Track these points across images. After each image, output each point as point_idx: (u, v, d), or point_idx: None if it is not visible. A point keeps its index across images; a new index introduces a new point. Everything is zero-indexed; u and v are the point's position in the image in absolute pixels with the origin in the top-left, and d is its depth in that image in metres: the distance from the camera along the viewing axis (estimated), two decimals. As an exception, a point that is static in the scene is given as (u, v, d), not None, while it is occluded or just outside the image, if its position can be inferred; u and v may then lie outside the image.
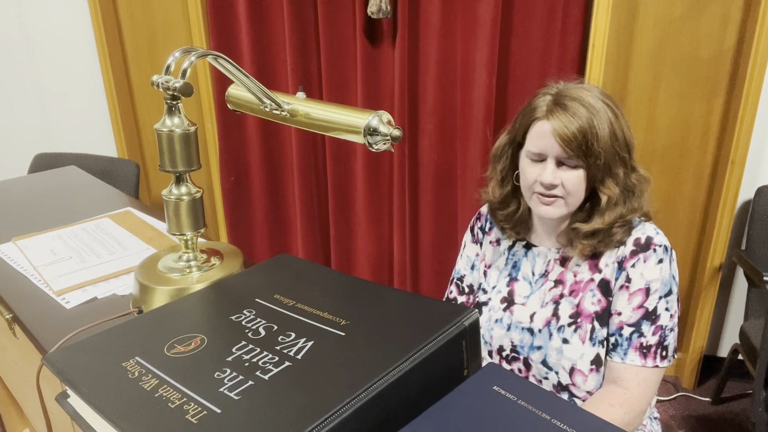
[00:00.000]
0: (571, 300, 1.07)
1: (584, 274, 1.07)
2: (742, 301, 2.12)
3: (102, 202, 1.36)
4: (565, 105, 0.99)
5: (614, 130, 0.99)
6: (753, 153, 1.94)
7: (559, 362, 1.06)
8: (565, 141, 0.98)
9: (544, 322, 1.08)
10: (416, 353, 0.56)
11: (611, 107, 1.01)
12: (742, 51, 1.86)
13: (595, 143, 0.97)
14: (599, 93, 1.03)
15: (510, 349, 1.11)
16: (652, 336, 1.01)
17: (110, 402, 0.53)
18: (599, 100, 1.00)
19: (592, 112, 0.98)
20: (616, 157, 1.00)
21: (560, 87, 1.05)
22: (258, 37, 2.22)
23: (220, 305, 0.71)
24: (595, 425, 0.54)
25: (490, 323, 1.14)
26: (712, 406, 2.17)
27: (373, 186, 2.28)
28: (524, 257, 1.16)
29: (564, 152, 0.99)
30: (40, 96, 2.62)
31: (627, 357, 1.02)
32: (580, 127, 0.97)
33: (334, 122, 0.83)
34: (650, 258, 1.02)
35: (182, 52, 0.77)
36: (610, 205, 1.01)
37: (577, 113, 0.98)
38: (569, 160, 1.00)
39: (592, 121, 0.98)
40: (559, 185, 1.02)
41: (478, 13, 1.92)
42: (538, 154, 1.03)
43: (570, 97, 1.00)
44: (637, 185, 1.04)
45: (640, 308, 1.02)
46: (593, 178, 1.01)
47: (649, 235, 1.03)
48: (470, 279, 1.27)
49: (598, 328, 1.04)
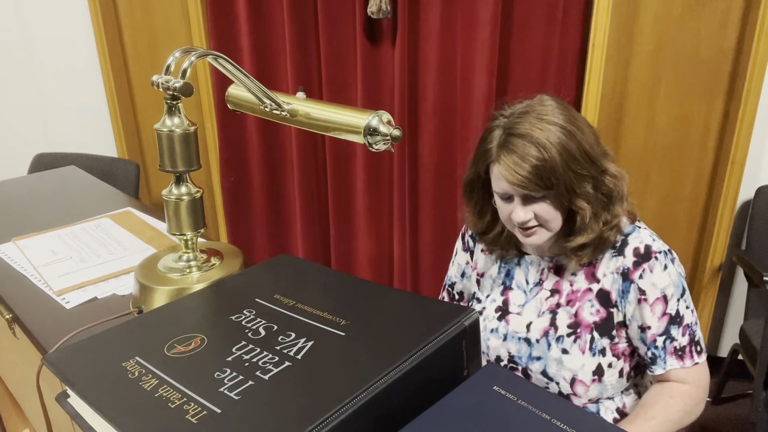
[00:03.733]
0: (569, 309, 1.06)
1: (581, 284, 1.07)
2: (742, 301, 2.12)
3: (102, 202, 1.36)
4: (512, 146, 0.97)
5: (570, 153, 0.96)
6: (753, 153, 1.94)
7: (560, 373, 1.05)
8: (519, 185, 0.97)
9: (541, 332, 1.07)
10: (416, 353, 0.56)
11: (563, 127, 0.97)
12: (742, 51, 1.86)
13: (551, 176, 0.95)
14: (551, 111, 0.99)
15: (507, 359, 1.11)
16: (683, 337, 1.02)
17: (110, 402, 0.53)
18: (549, 125, 0.97)
19: (539, 146, 0.95)
20: (578, 178, 0.97)
21: (509, 116, 1.01)
22: (258, 37, 2.22)
23: (220, 305, 0.71)
24: (596, 425, 0.54)
25: (485, 333, 1.13)
26: (712, 406, 2.17)
27: (373, 186, 2.28)
28: (517, 266, 1.15)
29: (523, 191, 0.98)
30: (40, 96, 2.62)
31: (667, 364, 1.03)
32: (531, 168, 0.95)
33: (334, 122, 0.83)
34: (655, 266, 1.02)
35: (182, 52, 0.77)
36: (587, 220, 1.00)
37: (524, 154, 0.95)
38: (533, 194, 0.99)
39: (543, 156, 0.95)
40: (531, 218, 1.01)
41: (478, 13, 1.92)
42: (504, 194, 1.02)
43: (517, 134, 0.97)
44: (614, 188, 1.01)
45: (664, 316, 1.02)
46: (562, 203, 1.00)
47: (647, 244, 1.03)
48: (460, 286, 1.27)
49: (597, 338, 1.04)
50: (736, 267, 2.14)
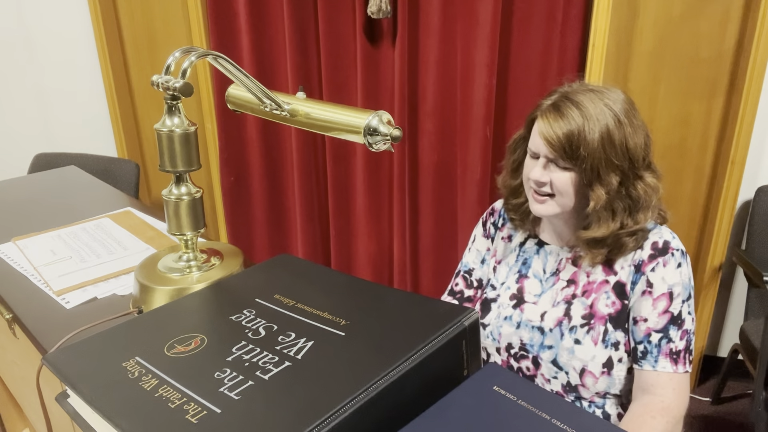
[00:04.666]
0: (584, 300, 1.07)
1: (598, 275, 1.07)
2: (742, 301, 2.12)
3: (102, 202, 1.36)
4: (559, 108, 1.00)
5: (611, 137, 0.98)
6: (753, 153, 1.94)
7: (570, 362, 1.05)
8: (550, 144, 0.99)
9: (555, 321, 1.07)
10: (416, 353, 0.56)
11: (617, 115, 0.99)
12: (742, 51, 1.86)
13: (581, 148, 0.97)
14: (615, 99, 1.00)
15: (519, 347, 1.11)
16: (680, 341, 1.01)
17: (110, 402, 0.53)
18: (605, 107, 0.99)
19: (585, 117, 0.98)
20: (607, 164, 0.98)
21: (572, 88, 1.04)
22: (258, 37, 2.22)
23: (220, 305, 0.71)
24: (596, 425, 0.54)
25: (499, 320, 1.13)
26: (712, 406, 2.17)
27: (373, 186, 2.28)
28: (536, 254, 1.15)
29: (551, 153, 1.00)
30: (40, 96, 2.62)
31: (658, 364, 1.01)
32: (567, 132, 0.98)
33: (334, 122, 0.83)
34: (669, 262, 1.02)
35: (182, 52, 0.77)
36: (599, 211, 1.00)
37: (568, 117, 0.98)
38: (558, 161, 1.01)
39: (583, 126, 0.97)
40: (548, 183, 1.02)
41: (478, 13, 1.92)
42: (533, 151, 1.05)
43: (570, 101, 1.00)
44: (643, 195, 1.01)
45: (665, 313, 1.01)
46: (582, 182, 1.01)
47: (666, 239, 1.03)
48: (480, 273, 1.26)
49: (611, 331, 1.04)
50: (736, 267, 2.14)
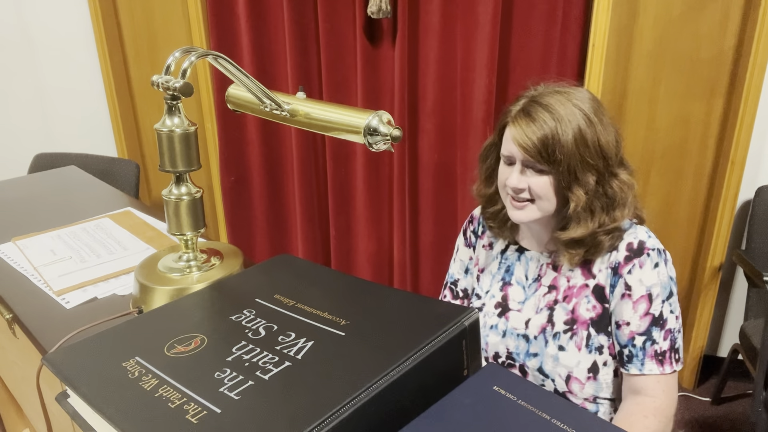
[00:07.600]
0: (566, 306, 1.06)
1: (578, 279, 1.07)
2: (742, 301, 2.12)
3: (102, 202, 1.36)
4: (530, 113, 0.99)
5: (584, 137, 0.98)
6: (753, 153, 1.94)
7: (555, 370, 1.05)
8: (525, 149, 0.99)
9: (539, 328, 1.07)
10: (416, 353, 0.56)
11: (587, 114, 0.99)
12: (742, 51, 1.86)
13: (556, 151, 0.97)
14: (582, 98, 1.01)
15: (506, 355, 1.11)
16: (664, 341, 1.01)
17: (110, 402, 0.53)
18: (574, 107, 0.98)
19: (557, 119, 0.97)
20: (583, 165, 0.98)
21: (539, 91, 1.04)
22: (258, 37, 2.22)
23: (220, 305, 0.71)
24: (595, 425, 0.54)
25: (485, 329, 1.13)
26: (712, 406, 2.17)
27: (373, 186, 2.28)
28: (517, 261, 1.15)
29: (527, 159, 1.00)
30: (40, 96, 2.62)
31: (645, 367, 1.01)
32: (542, 136, 0.97)
33: (334, 122, 0.83)
34: (645, 263, 1.01)
35: (182, 52, 0.77)
36: (579, 211, 1.00)
37: (539, 121, 0.98)
38: (535, 165, 1.00)
39: (556, 129, 0.97)
40: (526, 189, 1.02)
41: (478, 13, 1.92)
42: (507, 157, 1.04)
43: (539, 104, 1.00)
44: (619, 193, 1.01)
45: (646, 315, 1.01)
46: (560, 184, 1.00)
47: (641, 239, 1.03)
48: (464, 283, 1.26)
49: (594, 335, 1.04)
50: (736, 267, 2.14)
